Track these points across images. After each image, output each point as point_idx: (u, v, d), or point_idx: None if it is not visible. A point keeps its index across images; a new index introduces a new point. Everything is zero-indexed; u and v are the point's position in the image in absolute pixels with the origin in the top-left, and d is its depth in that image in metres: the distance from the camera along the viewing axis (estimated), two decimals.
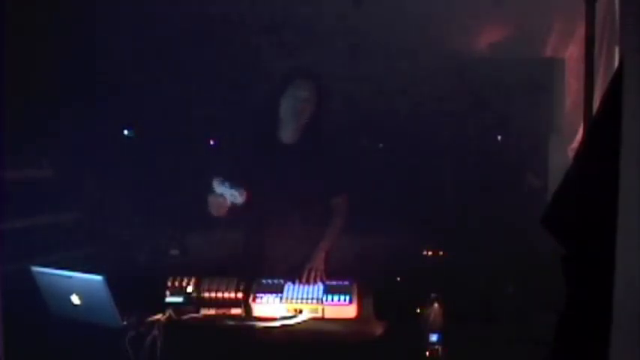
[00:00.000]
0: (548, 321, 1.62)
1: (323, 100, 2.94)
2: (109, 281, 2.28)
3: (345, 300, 2.51)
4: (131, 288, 2.41)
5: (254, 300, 2.53)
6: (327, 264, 2.81)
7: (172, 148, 4.09)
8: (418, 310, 2.25)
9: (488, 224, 3.64)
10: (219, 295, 2.53)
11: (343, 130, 4.01)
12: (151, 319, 2.40)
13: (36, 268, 2.46)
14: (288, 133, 2.93)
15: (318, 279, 2.68)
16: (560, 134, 4.08)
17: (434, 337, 2.19)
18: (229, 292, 2.53)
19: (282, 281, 2.62)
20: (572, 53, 4.12)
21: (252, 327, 2.42)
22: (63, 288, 2.39)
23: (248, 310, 2.53)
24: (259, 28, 4.15)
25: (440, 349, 2.18)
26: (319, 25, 4.11)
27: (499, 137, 4.17)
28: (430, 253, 3.31)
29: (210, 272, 2.62)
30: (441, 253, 3.31)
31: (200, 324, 2.47)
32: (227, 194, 2.70)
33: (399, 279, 2.72)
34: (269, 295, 2.54)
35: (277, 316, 2.49)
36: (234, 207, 2.74)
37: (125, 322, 2.34)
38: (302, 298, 2.53)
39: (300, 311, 2.51)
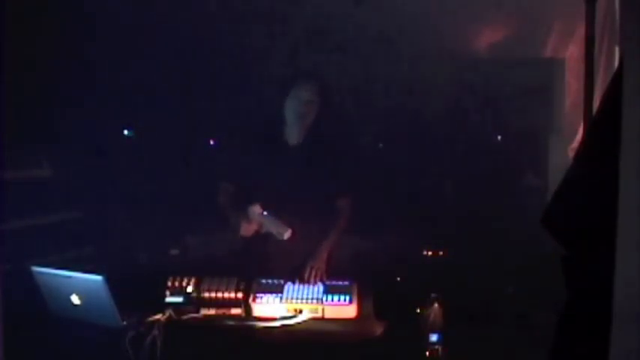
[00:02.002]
0: (548, 321, 1.62)
1: (327, 101, 2.94)
2: (109, 281, 2.28)
3: (345, 300, 2.51)
4: (131, 288, 2.41)
5: (254, 300, 2.53)
6: (328, 264, 2.81)
7: (172, 148, 4.09)
8: (418, 310, 2.26)
9: (488, 224, 3.64)
10: (219, 295, 2.53)
11: (343, 130, 4.01)
12: (151, 319, 2.40)
13: (36, 268, 2.46)
14: (292, 135, 2.93)
15: (319, 278, 2.68)
16: (560, 134, 4.07)
17: (434, 337, 2.20)
18: (229, 292, 2.53)
19: (282, 281, 2.62)
20: (572, 53, 4.12)
21: (252, 327, 2.42)
22: (63, 288, 2.39)
23: (248, 310, 2.53)
24: (261, 27, 4.15)
25: (440, 349, 2.19)
26: (320, 25, 4.11)
27: (499, 137, 4.17)
28: (430, 253, 3.32)
29: (210, 272, 2.62)
30: (441, 253, 3.32)
31: (200, 324, 2.47)
32: (272, 230, 2.76)
33: (399, 279, 2.72)
34: (269, 295, 2.54)
35: (277, 316, 2.49)
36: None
37: (125, 322, 2.33)
38: (302, 298, 2.53)
39: (300, 311, 2.51)
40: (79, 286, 2.36)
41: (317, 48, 4.06)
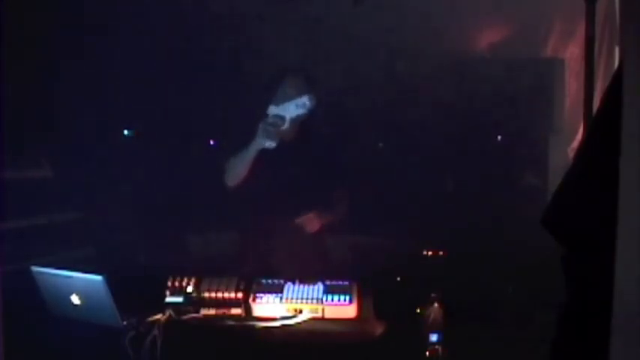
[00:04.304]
0: (548, 321, 1.61)
1: (317, 96, 2.95)
2: (109, 281, 2.28)
3: (345, 300, 2.51)
4: (131, 288, 2.41)
5: (254, 300, 2.53)
6: (327, 259, 2.84)
7: (172, 148, 4.09)
8: (418, 310, 2.26)
9: (488, 224, 3.64)
10: (219, 295, 2.53)
11: (343, 130, 4.01)
12: (151, 319, 2.40)
13: (36, 268, 2.46)
14: (284, 130, 2.93)
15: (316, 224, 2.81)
16: (560, 134, 4.08)
17: (434, 337, 2.20)
18: (229, 292, 2.53)
19: (282, 281, 2.62)
20: (572, 53, 4.13)
21: (252, 327, 2.42)
22: (63, 288, 2.39)
23: (248, 310, 2.52)
24: (259, 27, 4.15)
25: (440, 349, 2.19)
26: (320, 24, 4.11)
27: (499, 137, 4.18)
28: (430, 253, 3.31)
29: (210, 272, 2.62)
30: (441, 253, 3.31)
31: (200, 324, 2.47)
32: (301, 103, 2.81)
33: (399, 279, 2.72)
34: (269, 295, 2.54)
35: (277, 316, 2.49)
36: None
37: (125, 322, 2.33)
38: (302, 298, 2.53)
39: (300, 311, 2.50)
40: (79, 286, 2.36)
41: (315, 47, 4.06)
